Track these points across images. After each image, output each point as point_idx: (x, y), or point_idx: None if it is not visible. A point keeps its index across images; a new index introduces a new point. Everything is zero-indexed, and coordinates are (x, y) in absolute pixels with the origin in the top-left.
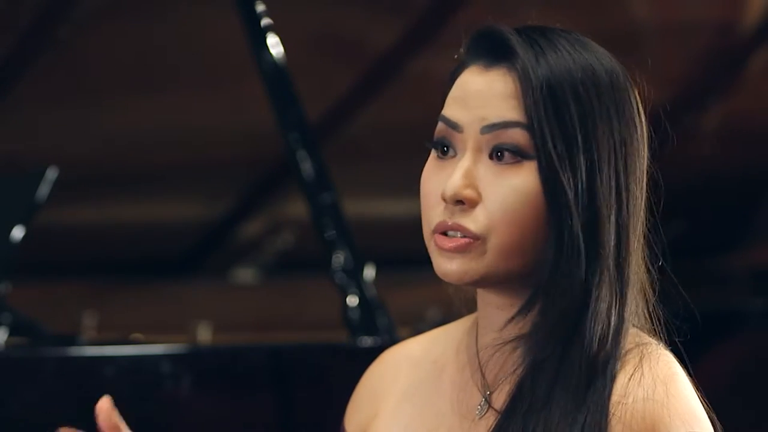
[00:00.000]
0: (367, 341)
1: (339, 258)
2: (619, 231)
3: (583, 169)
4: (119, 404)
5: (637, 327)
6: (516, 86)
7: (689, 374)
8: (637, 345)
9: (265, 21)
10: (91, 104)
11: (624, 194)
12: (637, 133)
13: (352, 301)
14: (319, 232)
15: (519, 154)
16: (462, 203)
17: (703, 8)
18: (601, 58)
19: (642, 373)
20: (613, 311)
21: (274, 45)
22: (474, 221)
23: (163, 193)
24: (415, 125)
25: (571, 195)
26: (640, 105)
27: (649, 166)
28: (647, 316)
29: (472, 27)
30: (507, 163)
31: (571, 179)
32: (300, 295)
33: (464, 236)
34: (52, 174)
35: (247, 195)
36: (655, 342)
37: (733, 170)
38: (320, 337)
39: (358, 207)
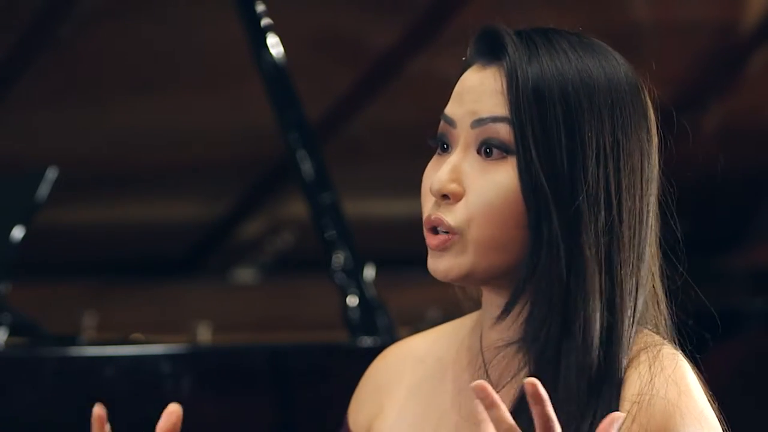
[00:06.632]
0: (367, 341)
1: (339, 258)
2: (611, 233)
3: (565, 167)
4: (119, 404)
5: (648, 329)
6: (505, 83)
7: (699, 375)
8: (650, 346)
9: (265, 21)
10: (91, 104)
11: (615, 196)
12: (641, 137)
13: (352, 301)
14: (319, 232)
15: (503, 149)
16: (447, 198)
17: (703, 8)
18: (605, 61)
19: (655, 374)
20: (606, 315)
21: (274, 45)
22: (453, 215)
23: (163, 193)
24: (415, 125)
25: (549, 192)
26: (650, 110)
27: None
28: (658, 317)
29: (474, 27)
30: (493, 159)
31: (549, 176)
32: (300, 295)
33: (445, 232)
34: (52, 174)
35: (247, 195)
36: (668, 343)
37: (733, 170)
38: (320, 337)
39: (358, 207)
